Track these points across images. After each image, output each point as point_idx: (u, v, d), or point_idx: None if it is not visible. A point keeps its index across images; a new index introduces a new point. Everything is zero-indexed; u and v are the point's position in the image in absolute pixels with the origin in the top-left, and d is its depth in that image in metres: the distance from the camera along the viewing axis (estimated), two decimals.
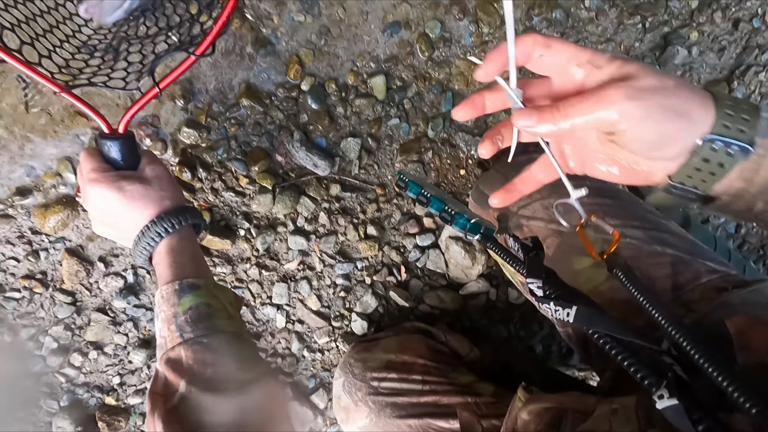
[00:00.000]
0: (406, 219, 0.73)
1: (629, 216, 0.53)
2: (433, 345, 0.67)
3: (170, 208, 0.49)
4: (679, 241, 0.51)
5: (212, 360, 0.42)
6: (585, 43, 0.71)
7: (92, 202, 0.48)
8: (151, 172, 0.50)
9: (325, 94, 0.68)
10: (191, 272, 0.47)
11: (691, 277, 0.47)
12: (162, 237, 0.47)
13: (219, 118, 0.67)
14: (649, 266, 0.49)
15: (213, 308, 0.46)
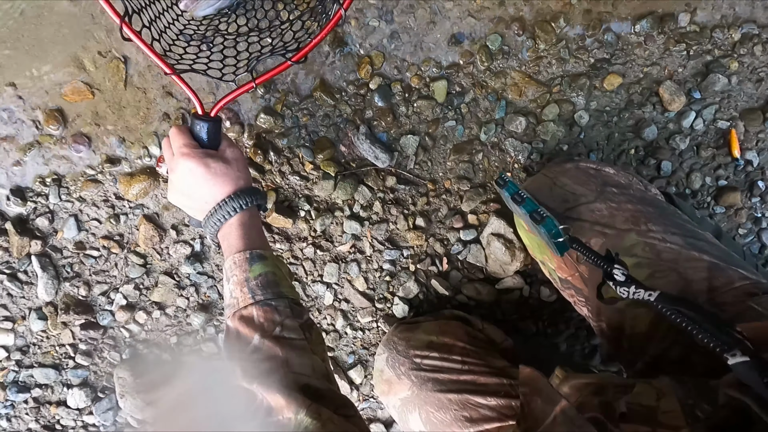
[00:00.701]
0: (452, 214, 0.79)
1: (670, 223, 0.59)
2: (470, 331, 0.73)
3: (244, 187, 0.55)
4: (714, 249, 0.56)
5: (280, 320, 0.49)
6: (632, 65, 0.77)
7: (179, 173, 0.55)
8: (231, 154, 0.57)
9: (390, 94, 0.75)
10: (259, 245, 0.54)
11: (725, 281, 0.52)
12: (236, 212, 0.54)
13: (293, 108, 0.74)
14: (686, 269, 0.54)
15: (278, 277, 0.52)
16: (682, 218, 0.61)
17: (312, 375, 0.46)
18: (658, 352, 0.54)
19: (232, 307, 0.51)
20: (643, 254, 0.57)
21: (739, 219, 0.84)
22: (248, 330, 0.48)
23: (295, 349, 0.47)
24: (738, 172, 0.82)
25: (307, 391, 0.44)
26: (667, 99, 0.77)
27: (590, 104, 0.77)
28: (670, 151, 0.80)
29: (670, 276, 0.55)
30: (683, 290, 0.54)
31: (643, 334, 0.56)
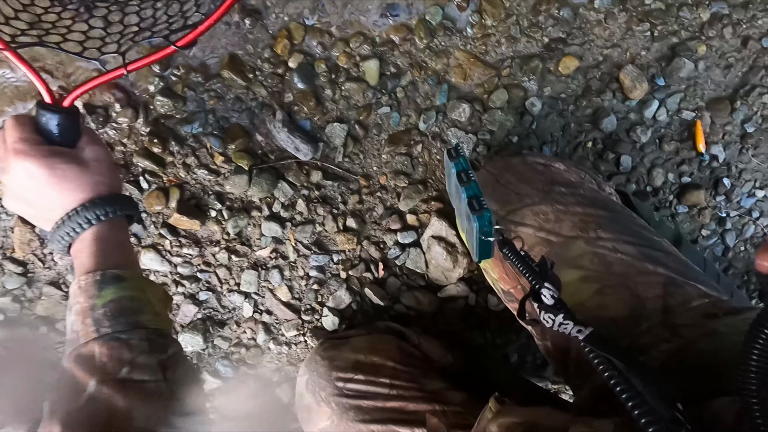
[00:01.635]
0: (388, 214, 0.70)
1: (623, 230, 0.51)
2: (405, 347, 0.64)
3: (105, 194, 0.45)
4: (671, 260, 0.49)
5: (129, 358, 0.39)
6: (590, 47, 0.68)
7: (12, 174, 0.43)
8: (91, 153, 0.46)
9: (313, 74, 0.64)
10: (116, 263, 0.43)
11: (681, 300, 0.45)
12: (91, 224, 0.43)
13: (197, 89, 0.63)
14: (639, 284, 0.47)
15: (138, 302, 0.42)
16: (638, 223, 0.53)
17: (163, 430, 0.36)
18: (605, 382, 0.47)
19: (70, 344, 0.40)
20: (591, 266, 0.49)
21: (703, 219, 0.77)
22: (84, 373, 0.37)
23: (145, 395, 0.38)
24: (702, 168, 0.75)
25: None
26: (629, 86, 0.69)
27: (543, 90, 0.69)
28: (631, 144, 0.72)
29: (620, 293, 0.47)
30: (635, 310, 0.46)
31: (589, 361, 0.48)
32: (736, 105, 0.73)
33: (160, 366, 0.40)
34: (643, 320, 0.45)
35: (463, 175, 0.49)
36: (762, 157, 0.76)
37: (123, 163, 0.63)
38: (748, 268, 0.83)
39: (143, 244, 0.66)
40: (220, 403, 0.73)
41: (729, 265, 0.81)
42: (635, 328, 0.46)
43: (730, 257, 0.81)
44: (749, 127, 0.74)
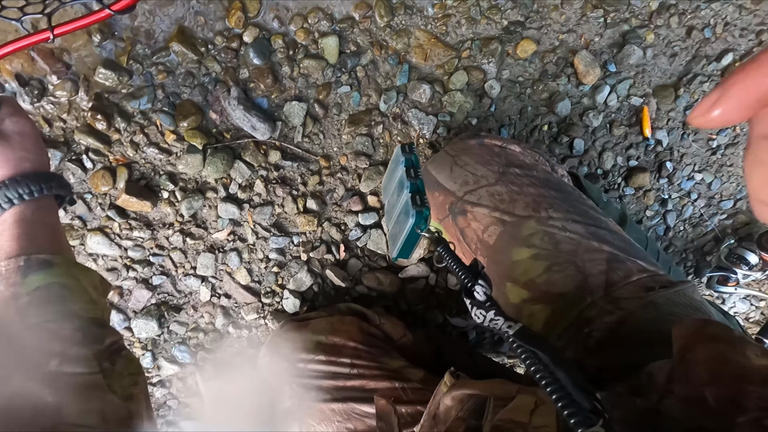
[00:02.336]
0: (349, 195, 0.69)
1: (572, 210, 0.53)
2: (366, 328, 0.65)
3: (29, 171, 0.41)
4: (615, 238, 0.52)
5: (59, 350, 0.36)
6: (547, 31, 0.70)
7: None
8: (13, 126, 0.42)
9: (270, 50, 0.62)
10: (45, 247, 0.40)
11: (623, 275, 0.48)
12: (12, 203, 0.40)
13: (144, 62, 0.59)
14: (585, 261, 0.49)
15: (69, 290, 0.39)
16: (587, 203, 0.56)
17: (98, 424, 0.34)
18: None
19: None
20: (542, 245, 0.51)
21: (647, 201, 0.82)
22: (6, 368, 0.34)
23: (76, 389, 0.35)
24: (648, 152, 0.79)
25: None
26: (582, 71, 0.71)
27: (502, 73, 0.69)
28: (584, 128, 0.75)
29: (568, 269, 0.50)
30: (581, 285, 0.49)
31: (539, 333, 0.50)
32: (680, 92, 0.77)
33: (97, 357, 0.37)
34: (588, 294, 0.48)
35: (413, 170, 0.49)
36: (701, 142, 0.81)
37: (63, 141, 0.59)
38: (686, 246, 0.89)
39: (89, 227, 0.63)
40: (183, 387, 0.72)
41: (669, 243, 0.87)
42: (581, 302, 0.48)
43: (670, 236, 0.87)
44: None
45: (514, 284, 0.52)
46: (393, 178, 0.53)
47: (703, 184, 0.84)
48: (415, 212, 0.44)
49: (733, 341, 0.32)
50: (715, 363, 0.31)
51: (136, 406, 0.38)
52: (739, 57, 0.78)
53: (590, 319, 0.47)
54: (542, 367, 0.26)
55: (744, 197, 0.87)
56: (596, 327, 0.47)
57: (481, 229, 0.55)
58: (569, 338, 0.49)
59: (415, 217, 0.44)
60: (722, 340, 0.32)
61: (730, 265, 0.83)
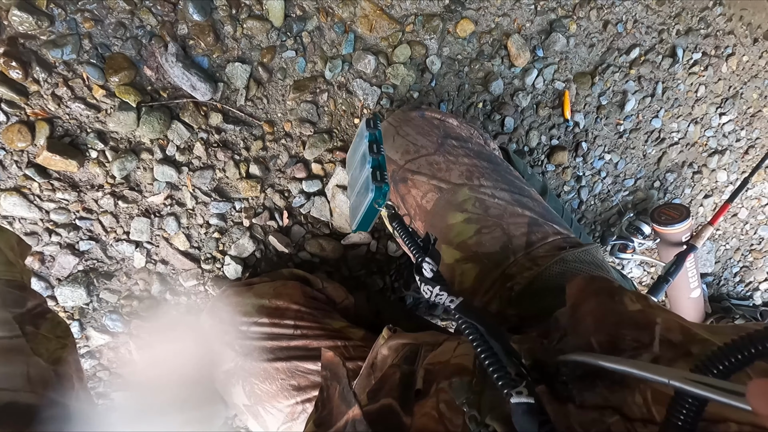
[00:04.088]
0: (293, 162, 0.70)
1: (501, 180, 0.58)
2: (308, 291, 0.67)
3: None
4: (536, 205, 0.58)
5: None
6: (484, 13, 0.74)
7: None
8: None
9: (211, 6, 0.59)
10: None
11: (540, 237, 0.54)
12: None
13: (67, 7, 0.54)
14: (510, 225, 0.55)
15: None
16: (513, 174, 0.62)
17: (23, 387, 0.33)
18: (481, 306, 0.55)
19: None
20: (473, 210, 0.56)
21: (565, 177, 0.91)
22: None
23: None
24: (568, 133, 0.88)
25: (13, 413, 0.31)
26: (514, 54, 0.77)
27: (443, 50, 0.73)
28: (514, 107, 0.81)
29: (495, 232, 0.55)
30: (505, 245, 0.55)
31: (468, 290, 0.56)
32: (595, 80, 0.86)
33: (17, 320, 0.36)
34: (511, 254, 0.54)
35: (375, 145, 0.51)
36: (611, 126, 0.92)
37: None
38: (595, 219, 1.01)
39: (3, 186, 0.57)
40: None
41: (582, 215, 0.98)
42: (505, 260, 0.54)
43: (583, 209, 0.98)
44: (603, 99, 0.88)
45: (449, 246, 0.57)
46: (357, 152, 0.55)
47: (611, 164, 0.95)
48: (374, 187, 0.46)
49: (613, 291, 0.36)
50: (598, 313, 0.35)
51: (64, 368, 0.37)
52: (644, 52, 0.88)
53: (512, 275, 0.53)
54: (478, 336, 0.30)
55: (642, 177, 1.00)
56: (516, 282, 0.53)
57: (420, 196, 0.59)
58: (494, 293, 0.55)
59: (374, 192, 0.46)
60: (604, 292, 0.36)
61: (628, 235, 0.96)
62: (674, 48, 0.91)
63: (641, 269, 1.11)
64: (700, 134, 1.03)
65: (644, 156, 0.98)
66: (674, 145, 1.00)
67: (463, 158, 0.59)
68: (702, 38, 0.93)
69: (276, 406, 0.57)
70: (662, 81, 0.92)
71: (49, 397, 0.33)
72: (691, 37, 0.92)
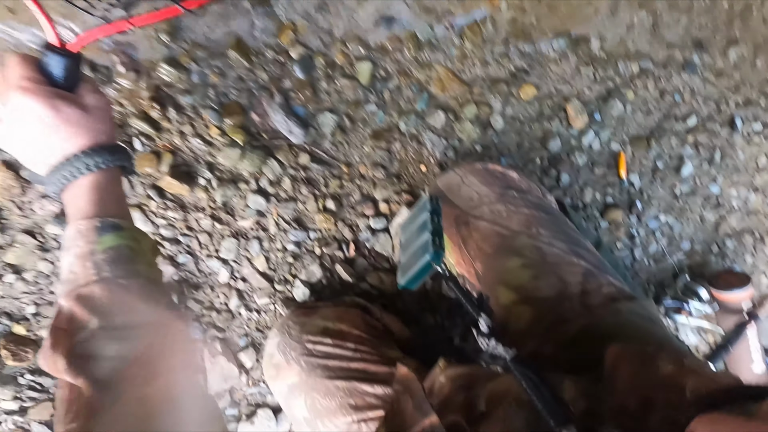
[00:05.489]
0: (364, 200, 0.78)
1: (557, 230, 0.63)
2: (368, 320, 0.72)
3: (105, 143, 0.46)
4: (591, 257, 0.62)
5: (128, 303, 0.42)
6: (546, 80, 0.82)
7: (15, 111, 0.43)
8: (93, 101, 0.46)
9: (312, 66, 0.71)
10: (114, 212, 0.45)
11: (595, 287, 0.57)
12: (90, 170, 0.44)
13: (201, 63, 0.67)
14: (566, 272, 0.58)
15: (135, 252, 0.44)
16: (569, 226, 0.66)
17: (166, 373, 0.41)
18: (534, 348, 0.58)
19: (68, 283, 0.42)
20: (531, 256, 0.61)
21: (619, 234, 0.94)
22: (85, 313, 0.40)
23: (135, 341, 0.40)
24: (622, 192, 0.91)
25: None
26: (573, 116, 0.83)
27: (506, 110, 0.81)
28: (570, 164, 0.86)
29: (551, 278, 0.59)
30: (561, 292, 0.58)
31: (522, 331, 0.59)
32: (652, 144, 0.89)
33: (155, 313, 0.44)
34: (566, 300, 0.57)
35: (435, 216, 0.58)
36: (666, 188, 0.94)
37: (119, 124, 0.66)
38: (648, 278, 1.01)
39: (129, 202, 0.69)
40: None
41: (635, 273, 0.99)
42: (560, 305, 0.57)
43: (636, 267, 0.98)
44: (659, 163, 0.92)
45: (506, 288, 0.61)
46: (415, 221, 0.61)
47: (666, 225, 0.96)
48: (434, 251, 0.52)
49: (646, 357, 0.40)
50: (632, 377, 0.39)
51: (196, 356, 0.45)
52: (702, 121, 0.92)
53: (566, 321, 0.57)
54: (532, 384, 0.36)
55: (699, 241, 1.00)
56: (571, 327, 0.56)
57: (480, 239, 0.65)
58: (548, 336, 0.58)
59: (432, 255, 0.52)
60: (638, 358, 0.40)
61: (684, 298, 0.95)
62: (733, 118, 0.93)
63: (698, 335, 1.07)
64: (762, 203, 1.02)
65: (702, 220, 0.99)
66: (734, 212, 1.00)
67: (522, 208, 0.65)
68: (762, 110, 0.96)
69: (334, 422, 0.62)
70: (720, 149, 0.94)
71: None
72: (750, 108, 0.94)
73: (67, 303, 0.41)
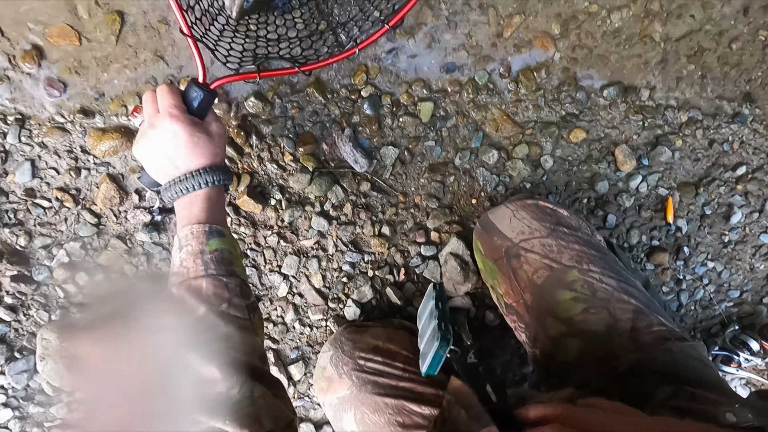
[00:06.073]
0: (416, 228, 0.83)
1: (608, 267, 0.65)
2: (416, 342, 0.76)
3: (219, 164, 0.56)
4: (641, 295, 0.63)
5: (228, 297, 0.50)
6: (596, 125, 0.86)
7: (160, 131, 0.54)
8: (216, 129, 0.58)
9: (379, 104, 0.78)
10: (219, 221, 0.55)
11: (646, 325, 0.59)
12: (207, 185, 0.54)
13: (284, 98, 0.75)
14: (616, 309, 0.61)
15: (233, 255, 0.53)
16: (619, 265, 0.68)
17: (251, 354, 0.47)
18: (581, 381, 0.60)
19: (180, 275, 0.50)
20: (582, 290, 0.63)
21: (665, 278, 0.94)
22: (195, 300, 0.48)
23: (238, 327, 0.48)
24: (669, 236, 0.93)
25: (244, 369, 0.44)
26: (621, 160, 0.86)
27: (556, 151, 0.85)
28: (617, 206, 0.89)
29: (601, 313, 0.61)
30: (611, 327, 0.60)
31: (570, 363, 0.61)
32: (700, 190, 0.91)
33: (248, 308, 0.51)
34: (616, 335, 0.59)
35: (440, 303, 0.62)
36: (715, 235, 0.94)
37: None
38: (695, 325, 0.99)
39: None
40: None
41: (681, 319, 0.98)
42: (610, 340, 0.59)
43: (682, 313, 0.97)
44: (707, 209, 0.93)
45: (555, 319, 0.64)
46: (426, 308, 0.66)
47: (714, 272, 0.96)
48: (440, 336, 0.55)
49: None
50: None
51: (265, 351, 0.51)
52: (751, 171, 0.93)
53: (616, 356, 0.58)
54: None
55: (749, 290, 0.98)
56: (621, 363, 0.57)
57: (531, 271, 0.68)
58: (597, 369, 0.59)
59: (439, 341, 0.54)
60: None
61: (733, 348, 0.93)
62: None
63: (747, 389, 1.03)
64: None
65: (751, 269, 0.98)
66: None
67: (573, 244, 0.68)
68: None
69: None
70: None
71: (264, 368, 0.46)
72: None
73: (178, 291, 0.49)
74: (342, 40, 0.63)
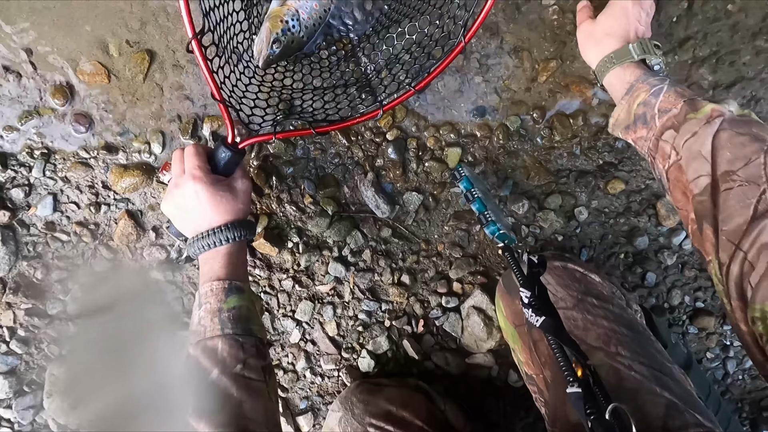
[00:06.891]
0: (438, 278, 0.78)
1: (640, 352, 0.58)
2: (432, 409, 0.70)
3: (242, 219, 0.57)
4: (677, 387, 0.56)
5: (243, 357, 0.48)
6: (636, 176, 0.80)
7: (184, 191, 0.55)
8: (241, 186, 0.58)
9: (404, 148, 0.75)
10: (239, 276, 0.54)
11: (679, 425, 0.52)
12: (228, 242, 0.54)
13: (306, 140, 0.73)
14: (645, 402, 0.54)
15: (251, 313, 0.52)
16: (655, 347, 0.61)
17: (262, 422, 0.45)
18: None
19: (197, 334, 0.50)
20: (607, 377, 0.56)
21: (709, 343, 0.86)
22: (209, 362, 0.47)
23: (251, 391, 0.47)
24: (716, 297, 0.85)
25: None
26: (663, 215, 0.80)
27: (591, 202, 0.80)
28: (657, 263, 0.82)
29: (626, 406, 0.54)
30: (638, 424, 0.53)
31: None
32: None
33: (263, 370, 0.49)
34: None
35: (469, 194, 0.62)
36: None
37: None
38: (743, 396, 0.90)
39: None
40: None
41: (726, 389, 0.89)
42: None
43: (728, 382, 0.88)
44: None
45: None
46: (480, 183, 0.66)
47: None
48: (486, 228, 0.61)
49: None
50: None
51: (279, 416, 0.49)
52: None
53: None
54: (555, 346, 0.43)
55: None
56: None
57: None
58: None
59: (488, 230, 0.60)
60: None
61: None
62: None
63: None
64: None
65: None
66: None
67: (601, 320, 0.61)
68: None
69: None
70: None
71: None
72: None
73: (194, 352, 0.48)
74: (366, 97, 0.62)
